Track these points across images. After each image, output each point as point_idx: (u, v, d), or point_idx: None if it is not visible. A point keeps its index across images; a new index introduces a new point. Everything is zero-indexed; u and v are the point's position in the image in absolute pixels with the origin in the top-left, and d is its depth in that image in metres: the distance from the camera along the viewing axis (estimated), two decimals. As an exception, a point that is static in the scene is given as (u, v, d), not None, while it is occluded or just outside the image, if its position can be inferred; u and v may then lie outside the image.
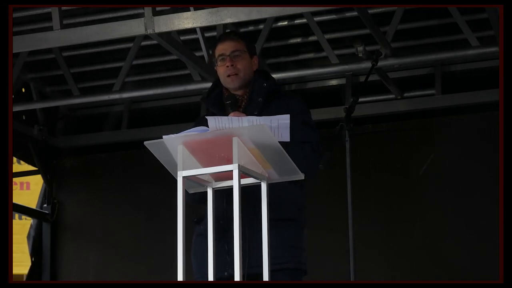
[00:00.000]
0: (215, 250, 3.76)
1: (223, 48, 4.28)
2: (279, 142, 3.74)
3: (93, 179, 7.84)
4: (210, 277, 3.72)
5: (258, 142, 3.68)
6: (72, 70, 7.26)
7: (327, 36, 6.66)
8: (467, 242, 6.59)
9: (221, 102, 4.25)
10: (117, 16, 6.42)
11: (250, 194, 3.82)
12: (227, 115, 4.09)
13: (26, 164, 8.11)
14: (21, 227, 9.09)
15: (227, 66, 4.23)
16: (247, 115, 4.02)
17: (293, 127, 4.03)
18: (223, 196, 3.91)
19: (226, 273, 3.94)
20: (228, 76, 4.24)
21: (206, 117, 3.94)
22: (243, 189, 3.73)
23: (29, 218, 8.16)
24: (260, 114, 4.09)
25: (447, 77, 6.94)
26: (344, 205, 4.49)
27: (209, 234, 3.75)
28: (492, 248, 5.19)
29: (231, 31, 6.07)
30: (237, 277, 3.58)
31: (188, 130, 3.81)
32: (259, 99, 4.21)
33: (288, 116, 3.89)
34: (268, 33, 6.70)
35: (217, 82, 4.36)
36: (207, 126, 3.87)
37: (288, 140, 3.89)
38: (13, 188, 9.55)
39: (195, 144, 3.72)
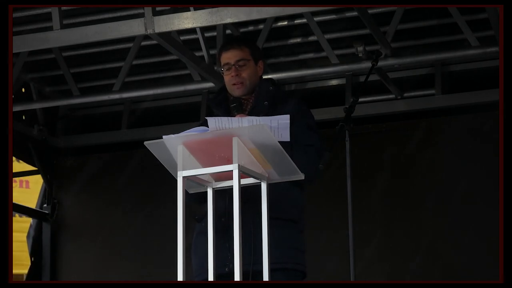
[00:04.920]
0: (216, 247, 3.77)
1: (227, 57, 4.32)
2: (279, 142, 3.74)
3: (93, 179, 7.84)
4: (210, 274, 3.73)
5: (258, 142, 3.69)
6: (72, 70, 7.25)
7: (327, 36, 6.66)
8: (467, 242, 6.59)
9: (227, 105, 4.30)
10: (117, 16, 6.42)
11: (255, 191, 3.83)
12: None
13: (25, 163, 8.10)
14: (20, 224, 9.06)
15: (232, 76, 4.28)
16: None
17: (298, 131, 4.09)
18: (226, 194, 3.92)
19: (226, 268, 3.96)
20: (234, 84, 4.30)
21: (206, 117, 3.95)
22: (248, 186, 3.76)
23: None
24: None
25: (447, 77, 6.94)
26: (344, 205, 4.49)
27: (209, 233, 3.76)
28: (492, 248, 5.19)
29: (235, 38, 6.08)
30: (237, 277, 3.58)
31: (188, 130, 3.81)
32: (264, 103, 4.26)
33: (288, 116, 3.92)
34: (268, 33, 6.70)
35: (223, 87, 4.42)
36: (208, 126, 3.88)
37: (288, 139, 3.90)
38: (13, 186, 9.55)
39: (195, 144, 3.72)
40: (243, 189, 3.67)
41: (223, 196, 3.95)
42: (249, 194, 3.83)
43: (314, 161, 4.13)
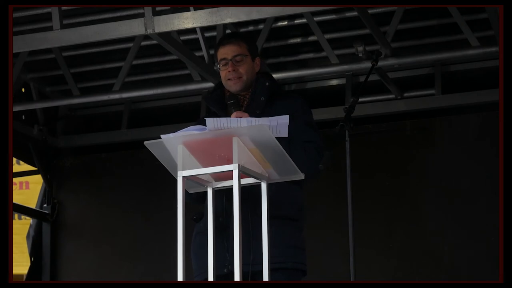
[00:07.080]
0: (214, 247, 3.77)
1: (224, 52, 4.29)
2: (278, 138, 3.73)
3: (93, 179, 7.84)
4: (210, 275, 3.72)
5: (258, 142, 3.68)
6: (72, 70, 7.26)
7: (327, 36, 6.66)
8: (467, 242, 6.59)
9: (223, 102, 4.27)
10: (117, 16, 6.42)
11: (253, 191, 3.83)
12: (228, 114, 4.11)
13: (26, 164, 8.10)
14: (21, 226, 9.07)
15: (229, 71, 4.25)
16: (250, 114, 4.03)
17: (296, 127, 4.06)
18: (223, 193, 3.91)
19: (225, 269, 3.96)
20: (229, 79, 4.26)
21: (205, 118, 3.92)
22: (246, 185, 3.75)
23: (29, 218, 8.16)
24: (262, 113, 4.10)
25: (447, 77, 6.94)
26: (344, 205, 4.49)
27: (209, 233, 3.76)
28: (492, 248, 5.19)
29: (232, 33, 6.07)
30: (237, 277, 3.58)
31: (186, 128, 3.79)
32: (261, 98, 4.23)
33: (287, 116, 3.88)
34: (268, 33, 6.70)
35: (220, 83, 4.38)
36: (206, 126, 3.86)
37: (286, 135, 3.87)
38: (13, 188, 9.55)
39: (195, 144, 3.72)
40: (241, 188, 3.67)
41: (220, 195, 3.94)
42: (247, 194, 3.82)
43: (313, 157, 4.09)
